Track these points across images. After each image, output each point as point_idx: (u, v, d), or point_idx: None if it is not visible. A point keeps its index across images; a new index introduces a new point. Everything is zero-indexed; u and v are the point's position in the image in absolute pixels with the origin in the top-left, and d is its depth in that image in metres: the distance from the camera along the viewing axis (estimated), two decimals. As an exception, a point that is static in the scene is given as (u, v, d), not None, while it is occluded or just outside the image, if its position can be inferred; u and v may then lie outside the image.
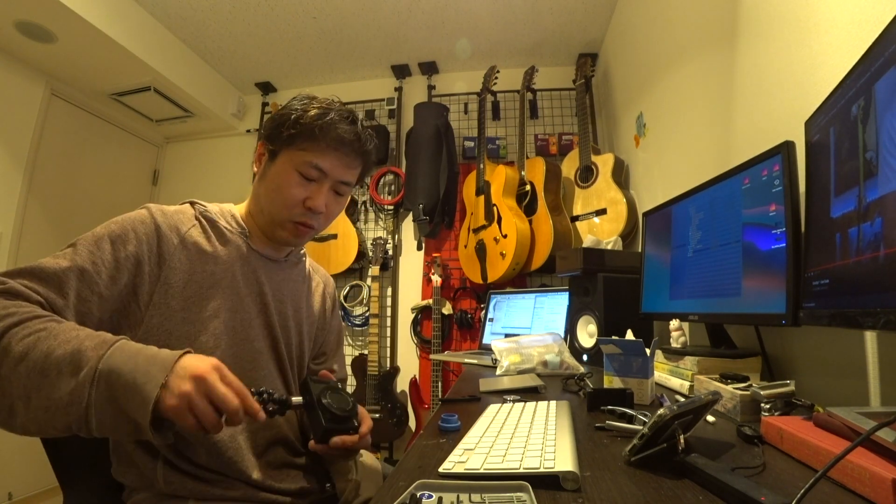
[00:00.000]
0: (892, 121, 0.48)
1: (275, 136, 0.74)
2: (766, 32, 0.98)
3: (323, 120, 0.72)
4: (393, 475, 0.47)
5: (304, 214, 0.74)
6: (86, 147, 2.48)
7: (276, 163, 0.74)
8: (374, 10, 2.16)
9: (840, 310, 0.56)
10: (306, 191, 0.74)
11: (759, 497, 0.36)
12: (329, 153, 0.73)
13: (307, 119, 0.71)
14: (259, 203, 0.77)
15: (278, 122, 0.74)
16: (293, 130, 0.71)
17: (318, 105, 0.74)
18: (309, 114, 0.72)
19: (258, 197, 0.77)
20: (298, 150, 0.72)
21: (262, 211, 0.76)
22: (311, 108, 0.73)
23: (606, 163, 1.97)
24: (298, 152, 0.72)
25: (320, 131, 0.71)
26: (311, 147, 0.72)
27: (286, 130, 0.72)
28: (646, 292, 1.19)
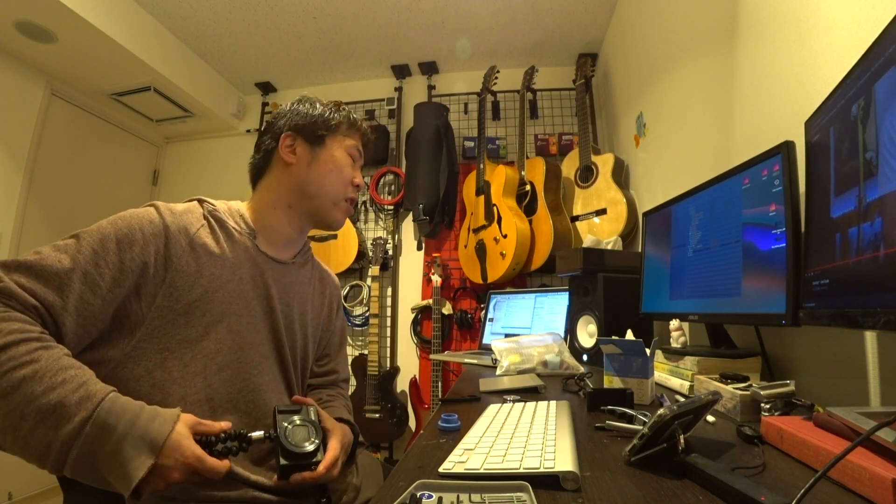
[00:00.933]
0: (892, 121, 0.48)
1: (320, 124, 0.81)
2: (766, 32, 0.98)
3: (353, 115, 0.86)
4: (393, 475, 0.47)
5: (353, 191, 0.84)
6: (86, 147, 2.48)
7: (327, 147, 0.81)
8: (374, 10, 2.16)
9: (840, 310, 0.56)
10: (354, 171, 0.84)
11: (759, 497, 0.36)
12: (365, 139, 0.87)
13: (345, 112, 0.84)
14: (310, 189, 0.79)
15: (318, 114, 0.82)
16: (337, 120, 0.82)
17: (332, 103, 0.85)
18: (344, 109, 0.85)
19: (308, 183, 0.79)
20: (345, 136, 0.83)
21: (315, 195, 0.80)
22: (339, 105, 0.85)
23: (606, 163, 1.97)
24: (345, 138, 0.83)
25: (356, 122, 0.85)
26: (354, 134, 0.85)
27: (332, 120, 0.82)
28: (646, 292, 1.19)
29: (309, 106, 0.83)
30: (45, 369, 0.50)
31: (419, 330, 2.38)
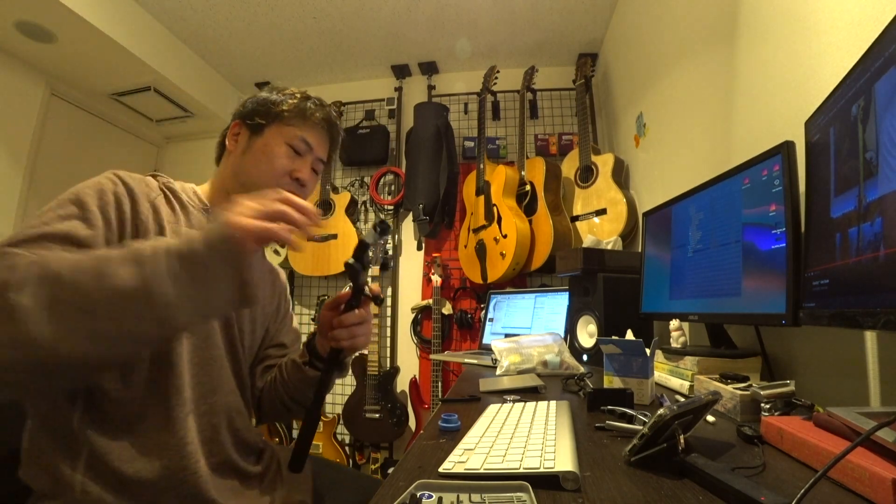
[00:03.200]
0: (892, 121, 0.48)
1: (262, 112, 0.78)
2: (766, 32, 0.98)
3: (308, 102, 0.80)
4: (393, 475, 0.47)
5: (289, 185, 0.77)
6: (86, 147, 2.48)
7: (264, 136, 0.77)
8: (374, 10, 2.16)
9: (840, 310, 0.56)
10: (293, 163, 0.78)
11: (759, 497, 0.36)
12: (315, 131, 0.80)
13: (295, 100, 0.79)
14: (240, 177, 0.77)
15: (265, 101, 0.79)
16: (284, 108, 0.78)
17: (299, 92, 0.81)
18: (296, 95, 0.80)
19: (239, 171, 0.77)
20: (287, 126, 0.78)
21: (243, 184, 0.76)
22: (294, 93, 0.80)
23: (606, 163, 1.97)
24: (288, 127, 0.78)
25: (309, 111, 0.79)
26: (300, 124, 0.79)
27: (276, 108, 0.78)
28: (646, 292, 1.19)
29: (266, 94, 0.81)
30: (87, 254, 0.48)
31: (419, 330, 2.38)
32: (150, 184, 0.71)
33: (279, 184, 0.76)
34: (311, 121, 0.79)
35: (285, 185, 0.76)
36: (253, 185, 0.75)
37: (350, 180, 2.62)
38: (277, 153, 0.77)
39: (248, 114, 0.79)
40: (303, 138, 0.78)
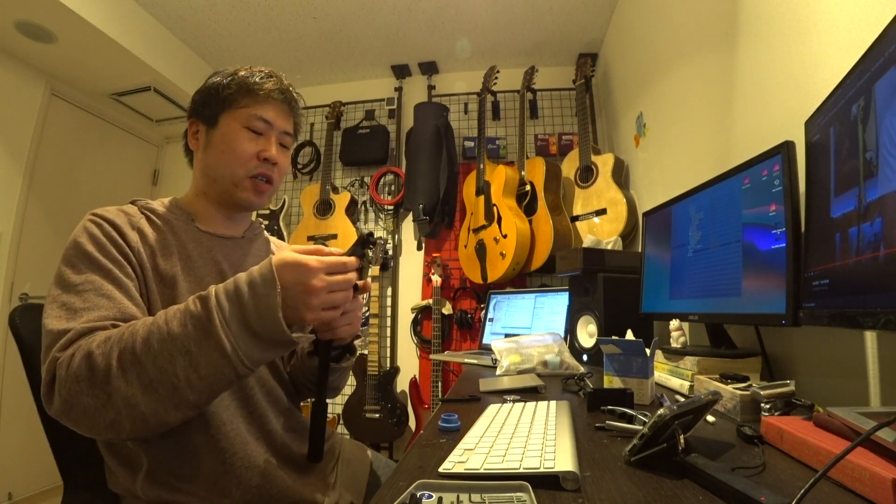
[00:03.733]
0: (892, 121, 0.48)
1: (209, 103, 0.75)
2: (766, 32, 0.98)
3: (254, 77, 0.76)
4: (393, 475, 0.47)
5: (260, 167, 0.75)
6: (86, 147, 2.48)
7: (220, 126, 0.75)
8: (374, 11, 2.16)
9: (840, 310, 0.56)
10: (257, 144, 0.75)
11: (759, 497, 0.36)
12: (269, 104, 0.76)
13: (239, 79, 0.75)
14: (209, 173, 0.76)
15: (209, 90, 0.76)
16: (230, 91, 0.74)
17: (243, 68, 0.78)
18: (239, 74, 0.76)
19: (207, 168, 0.76)
20: (239, 108, 0.75)
21: (214, 179, 0.75)
22: (237, 71, 0.77)
23: (606, 163, 1.97)
24: (240, 110, 0.74)
25: (256, 86, 0.75)
26: (250, 102, 0.75)
27: (222, 93, 0.74)
28: (646, 292, 1.19)
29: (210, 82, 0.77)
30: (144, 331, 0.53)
31: (419, 330, 2.38)
32: (130, 210, 0.72)
33: (248, 169, 0.74)
34: (261, 95, 0.75)
35: (255, 169, 0.75)
36: (223, 178, 0.75)
37: (350, 180, 2.62)
38: (237, 139, 0.74)
39: (199, 107, 0.77)
40: (258, 116, 0.75)
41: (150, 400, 0.50)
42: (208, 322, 0.51)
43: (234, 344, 0.51)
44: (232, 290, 0.54)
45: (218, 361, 0.51)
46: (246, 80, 0.75)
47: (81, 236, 0.64)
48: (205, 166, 0.76)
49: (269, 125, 0.76)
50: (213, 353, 0.51)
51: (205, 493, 0.62)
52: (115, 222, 0.66)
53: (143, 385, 0.50)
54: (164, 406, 0.51)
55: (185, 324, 0.52)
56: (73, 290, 0.58)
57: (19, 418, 1.99)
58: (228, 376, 0.52)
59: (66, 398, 0.51)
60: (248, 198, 0.76)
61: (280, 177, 0.80)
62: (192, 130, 0.78)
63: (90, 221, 0.66)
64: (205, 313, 0.52)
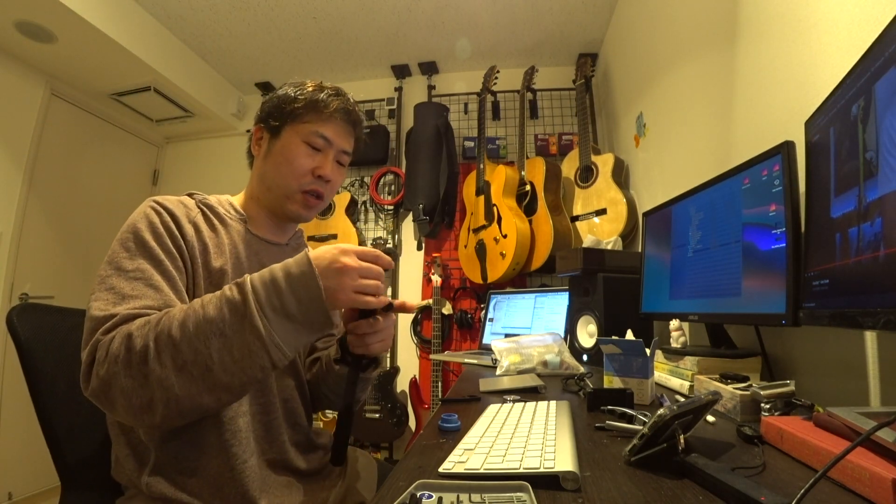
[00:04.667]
0: (892, 121, 0.48)
1: (276, 114, 0.77)
2: (766, 32, 0.98)
3: (321, 94, 0.78)
4: (393, 475, 0.47)
5: (313, 183, 0.78)
6: (86, 147, 2.48)
7: (282, 138, 0.77)
8: (374, 11, 2.16)
9: (840, 310, 0.56)
10: (314, 160, 0.77)
11: (759, 497, 0.36)
12: (332, 123, 0.78)
13: (307, 94, 0.77)
14: (265, 181, 0.78)
15: (278, 101, 0.78)
16: (296, 105, 0.76)
17: (312, 84, 0.80)
18: (307, 90, 0.78)
19: (263, 176, 0.79)
20: (303, 123, 0.77)
21: (269, 188, 0.78)
22: (306, 86, 0.79)
23: (606, 163, 1.97)
24: (303, 125, 0.77)
25: (322, 104, 0.77)
26: (315, 119, 0.77)
27: (289, 106, 0.77)
28: (646, 292, 1.19)
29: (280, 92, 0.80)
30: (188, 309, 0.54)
31: (419, 330, 2.38)
32: (188, 203, 0.73)
33: (301, 184, 0.77)
34: (325, 113, 0.77)
35: (309, 185, 0.77)
36: (277, 188, 0.77)
37: (350, 180, 2.63)
38: (296, 153, 0.76)
39: (266, 116, 0.79)
40: (319, 133, 0.77)
41: (184, 381, 0.51)
42: (244, 305, 0.53)
43: (269, 327, 0.52)
44: (267, 276, 0.55)
45: (253, 343, 0.52)
46: (313, 97, 0.77)
47: (141, 221, 0.65)
48: (262, 174, 0.79)
49: (328, 143, 0.78)
50: (247, 335, 0.52)
51: (208, 495, 0.62)
52: (175, 213, 0.68)
53: (178, 367, 0.51)
54: (197, 388, 0.52)
55: (221, 307, 0.53)
56: (123, 275, 0.60)
57: (19, 418, 1.99)
58: (262, 360, 0.53)
59: (104, 378, 0.52)
60: (297, 211, 0.79)
61: (331, 193, 0.83)
62: (256, 136, 0.82)
63: (151, 209, 0.67)
64: (241, 297, 0.53)
